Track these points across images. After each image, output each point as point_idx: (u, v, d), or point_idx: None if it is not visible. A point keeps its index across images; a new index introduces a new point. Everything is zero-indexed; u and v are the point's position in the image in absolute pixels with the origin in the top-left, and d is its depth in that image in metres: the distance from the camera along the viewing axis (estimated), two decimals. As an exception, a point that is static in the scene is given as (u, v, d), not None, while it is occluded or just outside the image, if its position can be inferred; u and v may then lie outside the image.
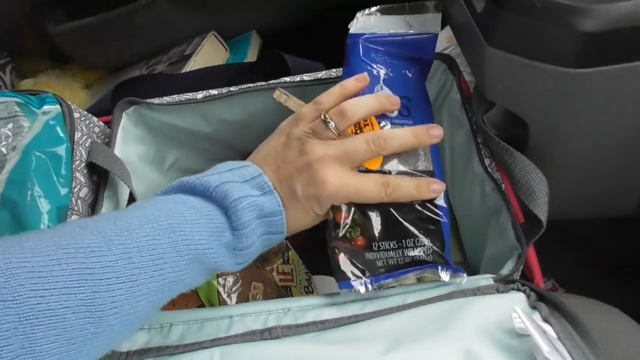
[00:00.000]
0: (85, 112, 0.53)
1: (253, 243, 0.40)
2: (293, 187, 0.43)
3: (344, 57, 0.53)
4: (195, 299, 0.49)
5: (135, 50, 0.84)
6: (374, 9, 0.54)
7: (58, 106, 0.46)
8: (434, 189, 0.46)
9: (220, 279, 0.50)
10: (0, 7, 0.86)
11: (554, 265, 0.78)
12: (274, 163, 0.45)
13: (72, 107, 0.49)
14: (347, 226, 0.44)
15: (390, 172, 0.47)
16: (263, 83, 0.61)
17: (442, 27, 0.71)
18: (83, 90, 0.86)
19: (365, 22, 0.54)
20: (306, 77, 0.63)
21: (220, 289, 0.49)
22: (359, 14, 0.54)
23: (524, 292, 0.38)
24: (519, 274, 0.42)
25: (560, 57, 0.43)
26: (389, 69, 0.53)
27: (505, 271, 0.42)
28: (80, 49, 0.82)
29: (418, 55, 0.55)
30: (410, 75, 0.54)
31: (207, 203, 0.39)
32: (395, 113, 0.50)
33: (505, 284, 0.40)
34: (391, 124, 0.50)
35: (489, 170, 0.53)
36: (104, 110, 0.61)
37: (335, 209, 0.45)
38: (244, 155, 0.73)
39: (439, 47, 0.67)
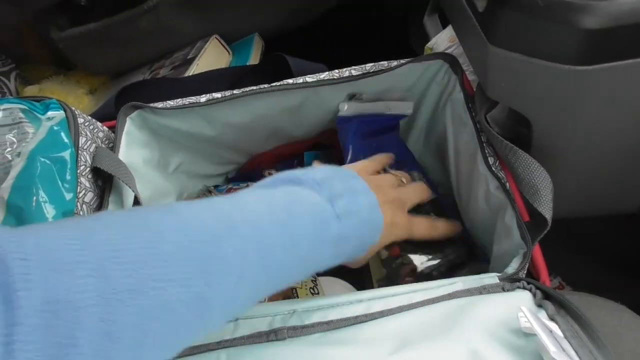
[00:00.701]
0: (90, 118, 0.53)
1: (352, 235, 0.41)
2: None
3: (339, 136, 0.65)
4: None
5: (138, 55, 0.85)
6: (364, 96, 0.64)
7: (62, 112, 0.46)
8: (456, 230, 0.56)
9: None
10: (3, 14, 0.87)
11: (560, 264, 0.78)
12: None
13: (77, 113, 0.50)
14: (401, 257, 0.53)
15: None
16: (266, 85, 0.61)
17: (444, 27, 0.71)
18: (87, 96, 0.87)
19: (353, 107, 0.64)
20: (309, 78, 0.63)
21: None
22: (345, 103, 0.64)
23: (530, 290, 0.38)
24: (525, 272, 0.42)
25: (562, 55, 0.43)
26: (379, 141, 0.66)
27: (510, 270, 0.42)
28: (83, 54, 0.82)
29: (394, 124, 0.69)
30: (390, 140, 0.68)
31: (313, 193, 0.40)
32: (393, 169, 0.62)
33: (510, 282, 0.40)
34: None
35: (493, 169, 0.53)
36: (108, 115, 0.61)
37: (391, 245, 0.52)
38: (248, 158, 0.73)
39: (442, 47, 0.67)
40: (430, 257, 0.53)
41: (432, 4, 0.72)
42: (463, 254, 0.56)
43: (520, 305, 0.33)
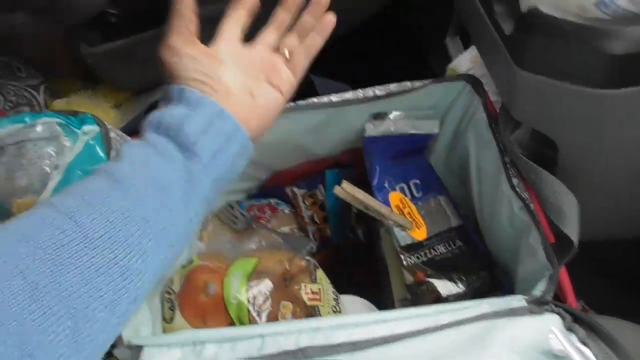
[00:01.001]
0: (120, 132, 0.54)
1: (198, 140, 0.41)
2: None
3: (365, 157, 0.66)
4: (225, 317, 0.50)
5: (164, 73, 0.86)
6: (391, 115, 0.65)
7: (97, 126, 0.48)
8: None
9: (250, 297, 0.50)
10: (35, 29, 0.89)
11: (583, 286, 0.77)
12: None
13: (109, 127, 0.51)
14: (425, 284, 0.55)
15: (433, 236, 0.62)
16: (292, 104, 0.62)
17: (466, 48, 0.72)
18: (113, 110, 0.88)
19: (380, 127, 0.65)
20: (334, 97, 0.64)
21: (250, 308, 0.50)
22: (371, 123, 0.65)
23: (559, 313, 0.38)
24: (552, 294, 0.42)
25: (588, 78, 0.44)
26: (406, 163, 0.67)
27: (537, 292, 0.42)
28: (111, 70, 0.84)
29: (421, 146, 0.69)
30: (418, 163, 0.69)
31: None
32: (420, 194, 0.66)
33: (538, 305, 0.40)
34: (417, 203, 0.65)
35: (517, 189, 0.53)
36: (138, 129, 0.63)
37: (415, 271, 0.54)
38: (271, 174, 0.74)
39: (464, 67, 0.68)
40: (455, 284, 0.54)
41: (454, 26, 0.73)
42: (487, 282, 0.56)
43: (550, 327, 0.33)
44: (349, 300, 0.59)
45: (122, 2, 0.80)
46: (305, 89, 0.73)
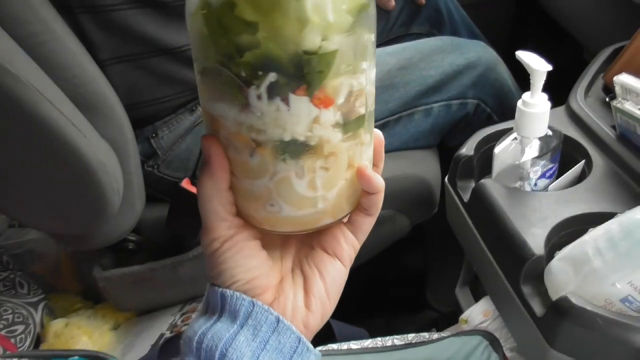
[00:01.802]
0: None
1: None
2: None
3: None
4: None
5: (172, 297, 0.87)
6: None
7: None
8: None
9: None
10: (47, 247, 0.90)
11: None
12: None
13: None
14: None
15: None
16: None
17: (476, 300, 0.76)
18: (110, 332, 0.86)
19: None
20: (353, 345, 0.65)
21: None
22: None
23: None
24: None
25: None
26: None
27: None
28: (120, 293, 0.84)
29: None
30: None
31: None
32: None
33: None
34: None
35: None
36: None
37: None
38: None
39: (476, 320, 0.71)
40: None
41: (464, 277, 0.78)
42: None
43: None
44: None
45: (143, 230, 0.84)
46: (323, 332, 0.74)
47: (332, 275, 0.37)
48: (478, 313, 0.71)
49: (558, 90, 0.56)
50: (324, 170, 0.32)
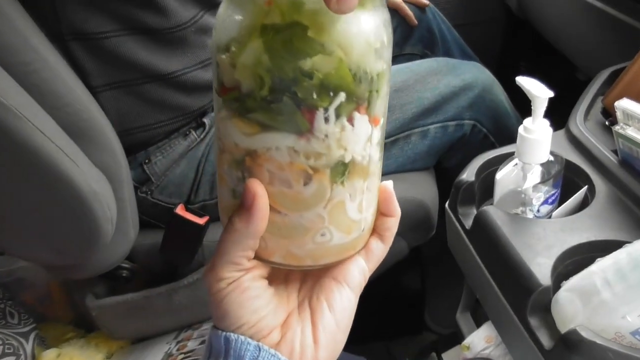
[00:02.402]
0: None
1: None
2: None
3: None
4: None
5: (167, 324, 0.85)
6: None
7: None
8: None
9: None
10: (37, 275, 0.88)
11: None
12: None
13: None
14: None
15: None
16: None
17: (477, 325, 0.75)
18: (103, 361, 0.84)
19: None
20: (355, 377, 0.63)
21: None
22: None
23: None
24: None
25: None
26: None
27: None
28: (115, 322, 0.82)
29: None
30: None
31: None
32: None
33: None
34: None
35: None
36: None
37: None
38: None
39: (479, 346, 0.70)
40: None
41: (465, 302, 0.77)
42: None
43: None
44: None
45: (137, 257, 0.82)
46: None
47: (341, 306, 0.35)
48: (480, 339, 0.70)
49: (552, 110, 0.56)
50: (368, 192, 0.32)
